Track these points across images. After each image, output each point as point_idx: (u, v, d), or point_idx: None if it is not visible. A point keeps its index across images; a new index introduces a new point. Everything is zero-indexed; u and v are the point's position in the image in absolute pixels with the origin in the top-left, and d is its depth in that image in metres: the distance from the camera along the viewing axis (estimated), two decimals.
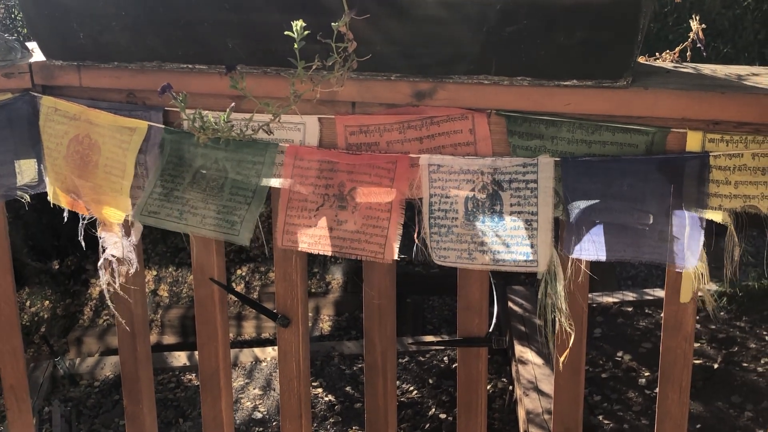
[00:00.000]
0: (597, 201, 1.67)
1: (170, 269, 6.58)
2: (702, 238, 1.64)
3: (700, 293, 1.70)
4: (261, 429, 4.54)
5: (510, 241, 1.75)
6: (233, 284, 6.35)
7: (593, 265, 1.75)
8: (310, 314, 5.96)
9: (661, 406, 1.85)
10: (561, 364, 1.86)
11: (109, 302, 2.15)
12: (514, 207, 1.74)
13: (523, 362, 4.52)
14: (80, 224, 2.08)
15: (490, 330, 1.94)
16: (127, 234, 2.05)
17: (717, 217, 1.63)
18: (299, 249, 1.90)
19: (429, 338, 5.52)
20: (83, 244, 2.05)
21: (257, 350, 5.35)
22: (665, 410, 1.85)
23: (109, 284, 2.10)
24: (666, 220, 1.65)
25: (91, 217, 2.09)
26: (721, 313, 4.78)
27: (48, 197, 2.14)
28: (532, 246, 1.74)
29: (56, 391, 5.13)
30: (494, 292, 1.99)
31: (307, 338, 2.07)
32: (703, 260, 1.65)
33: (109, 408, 4.90)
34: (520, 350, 4.64)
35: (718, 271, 1.68)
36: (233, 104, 1.64)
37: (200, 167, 1.93)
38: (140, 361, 2.22)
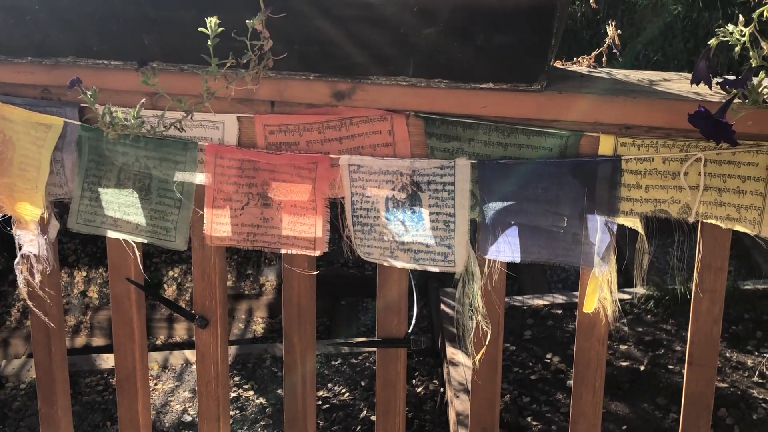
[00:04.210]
0: (512, 203, 1.69)
1: (100, 270, 6.46)
2: (612, 242, 1.66)
3: (604, 301, 1.72)
4: None
5: (429, 241, 1.76)
6: (165, 286, 6.26)
7: (525, 267, 1.76)
8: (242, 316, 5.91)
9: (576, 406, 1.87)
10: (478, 364, 1.87)
11: (27, 301, 2.10)
12: (432, 208, 1.74)
13: (455, 364, 4.54)
14: None
15: (410, 331, 1.94)
16: (44, 232, 2.01)
17: (628, 221, 1.65)
18: (228, 245, 1.90)
19: (360, 340, 5.50)
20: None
21: (188, 353, 5.26)
22: (579, 411, 1.87)
23: (27, 283, 2.06)
24: (579, 223, 1.67)
25: (6, 215, 2.04)
26: (648, 316, 4.86)
27: None
28: (449, 246, 1.75)
29: None
30: (414, 293, 1.99)
31: (226, 340, 2.05)
32: (613, 266, 1.67)
33: (35, 411, 4.78)
34: (452, 352, 4.66)
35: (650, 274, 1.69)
36: (143, 100, 1.62)
37: (123, 166, 1.91)
38: (55, 363, 2.17)
